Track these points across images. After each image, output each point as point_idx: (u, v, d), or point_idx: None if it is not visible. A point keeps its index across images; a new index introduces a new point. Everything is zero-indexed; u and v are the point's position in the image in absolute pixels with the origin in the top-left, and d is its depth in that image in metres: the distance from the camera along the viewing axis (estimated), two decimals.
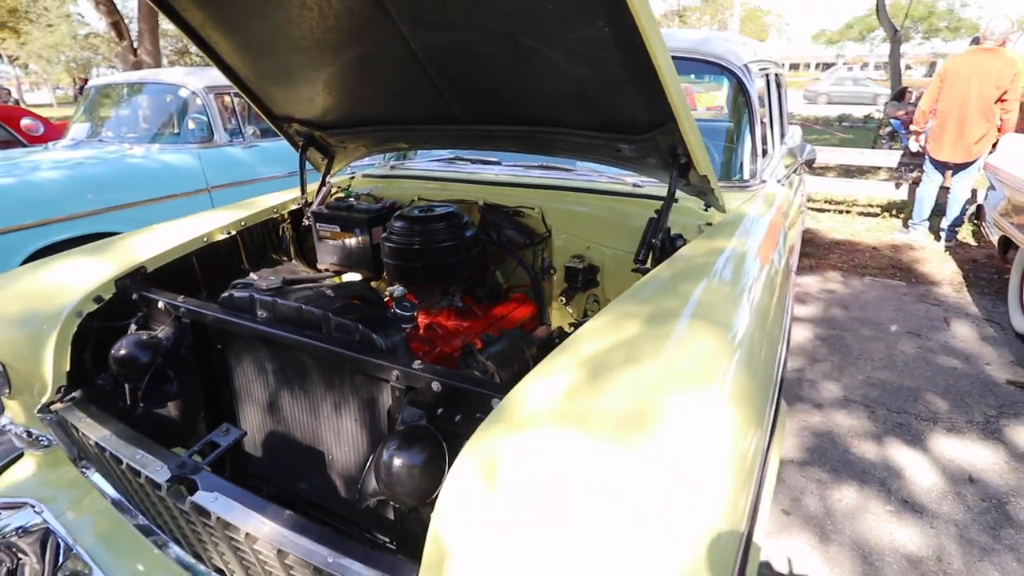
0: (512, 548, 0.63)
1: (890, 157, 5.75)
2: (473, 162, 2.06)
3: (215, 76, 3.70)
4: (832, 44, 49.32)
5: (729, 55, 1.86)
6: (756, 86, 1.91)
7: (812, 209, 5.96)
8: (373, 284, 1.93)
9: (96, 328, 1.37)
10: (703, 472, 0.68)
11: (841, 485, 2.10)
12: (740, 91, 1.86)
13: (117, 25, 10.47)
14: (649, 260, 1.40)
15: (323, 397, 1.20)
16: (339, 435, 1.19)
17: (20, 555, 1.16)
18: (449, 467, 0.76)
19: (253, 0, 1.37)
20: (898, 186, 5.53)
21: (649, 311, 1.01)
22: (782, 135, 2.71)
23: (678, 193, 1.43)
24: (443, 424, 0.95)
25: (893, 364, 2.94)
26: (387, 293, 1.64)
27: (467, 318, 1.70)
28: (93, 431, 1.16)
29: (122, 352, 1.29)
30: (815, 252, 4.67)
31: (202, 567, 1.13)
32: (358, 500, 1.00)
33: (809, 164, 2.00)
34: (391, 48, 1.38)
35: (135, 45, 10.74)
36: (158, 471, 1.01)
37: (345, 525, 1.20)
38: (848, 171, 7.88)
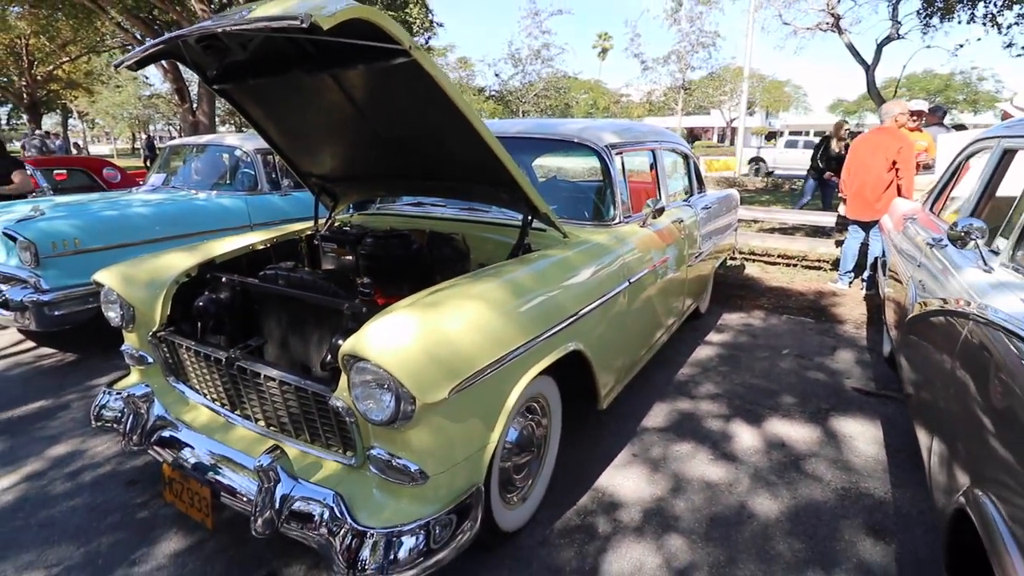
0: (378, 343, 1.53)
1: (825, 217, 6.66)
2: (430, 205, 3.04)
3: (262, 141, 4.85)
4: (850, 114, 51.05)
5: (595, 139, 2.83)
6: (619, 160, 2.86)
7: (763, 261, 6.81)
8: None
9: (185, 292, 2.33)
10: (461, 328, 1.59)
11: (683, 443, 2.89)
12: (602, 163, 2.81)
13: (180, 91, 12.10)
14: None
15: (311, 329, 2.13)
16: (318, 346, 2.11)
17: (136, 406, 2.08)
18: None
19: (289, 105, 2.39)
20: (838, 244, 6.38)
21: (483, 276, 1.94)
22: (684, 193, 3.70)
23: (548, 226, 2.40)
24: None
25: (769, 375, 3.73)
26: (360, 282, 2.58)
27: None
28: (183, 342, 2.11)
29: (200, 304, 2.25)
30: (749, 295, 5.50)
31: (238, 416, 2.03)
32: (320, 367, 1.91)
33: (658, 212, 2.90)
34: (367, 136, 2.38)
35: (194, 107, 12.36)
36: (220, 354, 1.94)
37: None
38: (815, 230, 8.76)
